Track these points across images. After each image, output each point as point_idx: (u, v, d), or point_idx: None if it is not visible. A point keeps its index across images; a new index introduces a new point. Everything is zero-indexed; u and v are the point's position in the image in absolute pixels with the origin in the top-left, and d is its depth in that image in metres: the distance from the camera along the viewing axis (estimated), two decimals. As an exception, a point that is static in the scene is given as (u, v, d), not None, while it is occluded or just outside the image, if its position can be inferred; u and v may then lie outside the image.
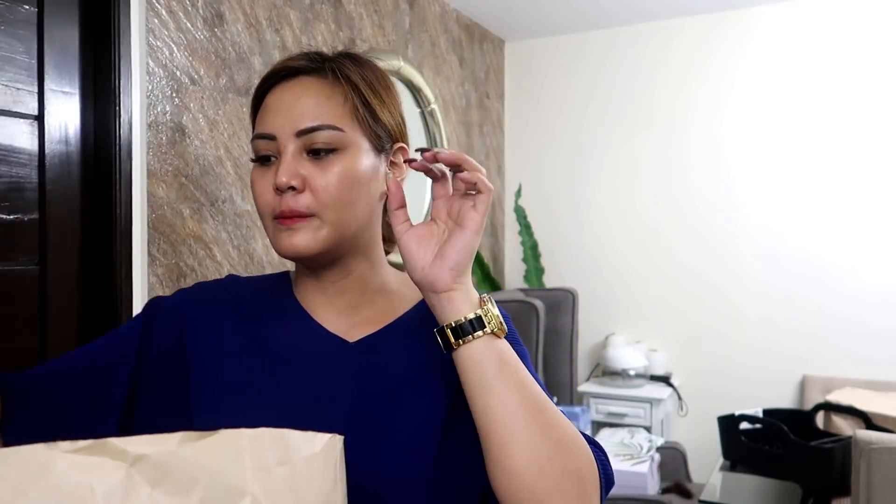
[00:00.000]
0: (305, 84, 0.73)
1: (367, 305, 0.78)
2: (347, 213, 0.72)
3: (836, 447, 1.97)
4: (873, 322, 2.83)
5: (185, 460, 0.47)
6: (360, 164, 0.72)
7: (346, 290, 0.77)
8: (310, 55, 0.76)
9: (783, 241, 2.99)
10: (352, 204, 0.72)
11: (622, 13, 3.11)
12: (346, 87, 0.73)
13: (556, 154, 3.42)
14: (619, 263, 3.29)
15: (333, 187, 0.70)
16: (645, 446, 2.51)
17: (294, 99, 0.72)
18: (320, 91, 0.72)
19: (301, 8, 2.11)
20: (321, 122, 0.71)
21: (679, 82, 3.16)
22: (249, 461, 0.49)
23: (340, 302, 0.77)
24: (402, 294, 0.80)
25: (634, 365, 3.02)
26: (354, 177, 0.72)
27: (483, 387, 0.63)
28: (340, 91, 0.73)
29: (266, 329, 0.76)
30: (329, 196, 0.70)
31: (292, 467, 0.50)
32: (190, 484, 0.47)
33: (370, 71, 0.77)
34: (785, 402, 2.95)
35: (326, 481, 0.53)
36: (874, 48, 2.83)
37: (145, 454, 0.46)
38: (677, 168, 3.17)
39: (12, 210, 1.37)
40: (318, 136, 0.70)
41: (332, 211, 0.71)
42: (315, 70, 0.74)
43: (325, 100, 0.72)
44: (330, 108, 0.72)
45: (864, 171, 2.85)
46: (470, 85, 3.19)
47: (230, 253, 1.84)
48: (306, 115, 0.71)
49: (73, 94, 1.49)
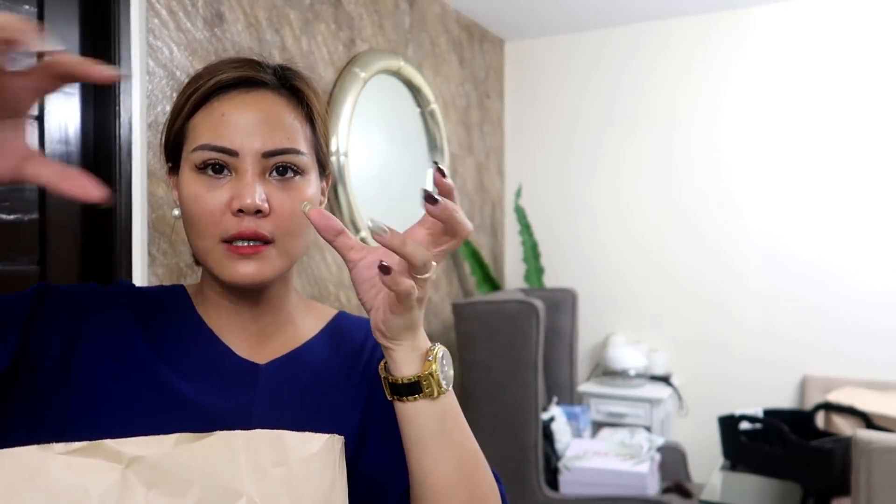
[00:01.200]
0: (271, 100, 0.69)
1: (277, 332, 0.75)
2: (299, 241, 0.70)
3: (836, 447, 1.97)
4: (873, 322, 2.83)
5: (180, 462, 0.47)
6: (313, 187, 0.71)
7: (261, 316, 0.74)
8: (257, 68, 0.70)
9: (783, 242, 2.99)
10: (304, 231, 0.69)
11: (623, 13, 3.11)
12: (304, 108, 0.71)
13: (557, 154, 3.42)
14: (620, 263, 3.29)
15: (296, 215, 0.67)
16: (645, 446, 2.51)
17: (261, 115, 0.67)
18: (283, 110, 0.69)
19: (301, 8, 2.11)
20: (291, 144, 0.68)
21: (680, 81, 3.16)
22: (245, 462, 0.48)
23: (254, 327, 0.74)
24: (307, 318, 0.78)
25: (634, 365, 3.02)
26: (312, 202, 0.70)
27: (419, 446, 0.63)
28: (301, 112, 0.71)
29: (169, 345, 0.71)
30: (291, 223, 0.67)
31: (288, 468, 0.50)
32: (185, 485, 0.46)
33: (313, 88, 0.74)
34: (785, 402, 2.95)
35: (324, 482, 0.52)
36: (873, 48, 2.83)
37: (141, 456, 0.46)
38: (677, 168, 3.17)
39: (12, 210, 1.37)
40: (286, 160, 0.67)
41: (290, 238, 0.68)
42: (271, 85, 0.70)
43: (293, 122, 0.69)
44: (297, 131, 0.69)
45: (863, 172, 2.85)
46: (470, 85, 3.20)
47: (230, 253, 1.84)
48: (277, 135, 0.67)
49: (73, 94, 1.49)
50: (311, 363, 0.74)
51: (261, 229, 0.66)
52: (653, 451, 2.47)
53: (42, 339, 0.66)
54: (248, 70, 0.69)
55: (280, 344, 0.75)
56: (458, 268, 3.09)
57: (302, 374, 0.73)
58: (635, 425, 2.89)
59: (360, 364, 0.75)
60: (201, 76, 0.70)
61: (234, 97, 0.68)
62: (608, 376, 3.06)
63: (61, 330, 0.67)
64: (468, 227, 0.59)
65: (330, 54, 2.25)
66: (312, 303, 0.82)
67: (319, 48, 2.20)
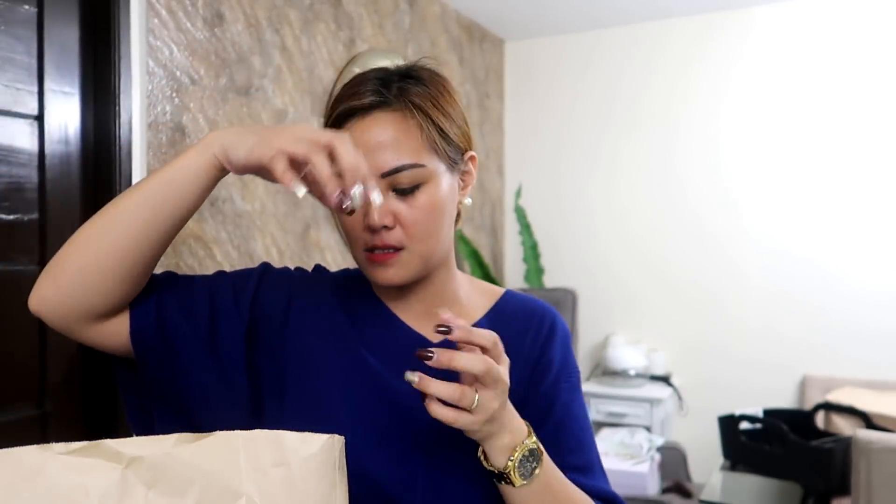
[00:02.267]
0: (381, 122, 0.75)
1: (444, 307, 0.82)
2: (433, 241, 0.78)
3: (836, 447, 1.97)
4: (873, 322, 2.83)
5: (180, 461, 0.47)
6: (442, 192, 0.77)
7: (426, 297, 0.83)
8: (376, 87, 0.76)
9: (783, 241, 2.98)
10: (437, 231, 0.78)
11: (623, 13, 3.11)
12: (419, 116, 0.75)
13: (557, 154, 3.42)
14: (620, 263, 3.28)
15: (422, 221, 0.75)
16: (645, 446, 2.51)
17: (373, 140, 0.74)
18: (396, 127, 0.75)
19: (301, 8, 2.11)
20: (403, 161, 0.74)
21: (680, 82, 3.16)
22: (245, 462, 0.49)
23: (420, 308, 0.84)
24: (473, 301, 0.87)
25: (634, 365, 3.01)
26: (439, 206, 0.77)
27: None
28: (415, 123, 0.75)
29: (361, 323, 0.83)
30: (418, 230, 0.76)
31: (288, 468, 0.50)
32: (185, 485, 0.47)
33: (433, 86, 0.78)
34: (785, 402, 2.95)
35: (324, 482, 0.53)
36: (873, 48, 2.83)
37: (141, 456, 0.46)
38: (678, 168, 3.17)
39: (12, 210, 1.37)
40: (401, 177, 0.74)
41: (421, 242, 0.76)
42: (386, 103, 0.76)
43: (403, 136, 0.75)
44: (408, 144, 0.75)
45: (862, 172, 2.85)
46: (470, 85, 3.20)
47: (230, 253, 1.84)
48: (388, 156, 0.74)
49: (73, 94, 1.49)
50: None
51: (389, 241, 0.75)
52: (653, 451, 2.47)
53: (264, 310, 0.82)
54: (359, 97, 0.76)
55: None
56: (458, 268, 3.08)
57: None
58: (635, 425, 2.89)
59: (525, 346, 0.83)
60: (338, 99, 0.79)
61: (352, 126, 0.76)
62: (608, 376, 3.06)
63: (279, 304, 0.82)
64: (478, 366, 0.63)
65: (330, 54, 2.25)
66: (480, 282, 0.91)
67: (319, 48, 2.20)
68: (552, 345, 0.85)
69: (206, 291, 0.81)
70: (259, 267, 0.87)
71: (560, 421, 0.80)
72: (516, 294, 0.90)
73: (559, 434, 0.80)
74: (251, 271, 0.85)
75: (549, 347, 0.84)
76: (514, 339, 0.81)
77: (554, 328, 0.86)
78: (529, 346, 0.83)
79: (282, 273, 0.87)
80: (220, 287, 0.82)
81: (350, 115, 0.76)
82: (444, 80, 0.81)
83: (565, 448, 0.79)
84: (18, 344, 1.38)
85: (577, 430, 0.81)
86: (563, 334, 0.87)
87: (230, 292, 0.82)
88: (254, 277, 0.84)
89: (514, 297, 0.89)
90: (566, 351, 0.86)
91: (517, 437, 0.68)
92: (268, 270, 0.86)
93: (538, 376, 0.82)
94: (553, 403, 0.81)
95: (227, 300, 0.81)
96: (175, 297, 0.80)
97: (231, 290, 0.82)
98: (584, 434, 0.81)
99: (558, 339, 0.86)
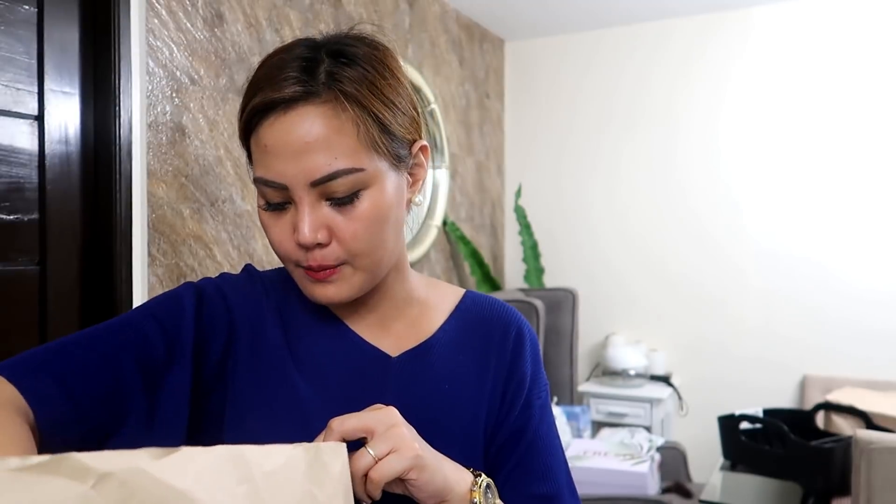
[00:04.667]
0: (307, 118, 0.61)
1: (399, 317, 0.75)
2: (379, 253, 0.66)
3: (836, 447, 1.97)
4: (873, 322, 2.83)
5: (153, 479, 0.43)
6: (386, 196, 0.65)
7: (377, 306, 0.73)
8: (300, 73, 0.62)
9: (782, 241, 2.98)
10: (383, 242, 0.66)
11: (623, 13, 3.11)
12: (354, 109, 0.62)
13: (557, 154, 3.42)
14: (620, 263, 3.28)
15: (363, 234, 0.64)
16: (645, 446, 2.51)
17: (299, 141, 0.61)
18: (327, 124, 0.61)
19: (301, 8, 2.11)
20: (338, 166, 0.61)
21: (680, 81, 3.16)
22: (210, 481, 0.45)
23: (372, 317, 0.74)
24: (433, 304, 0.77)
25: (634, 365, 3.01)
26: (383, 213, 0.65)
27: None
28: (349, 117, 0.62)
29: (304, 334, 0.72)
30: (359, 244, 0.64)
31: (253, 484, 0.47)
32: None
33: (371, 66, 0.64)
34: (785, 402, 2.95)
35: (294, 494, 0.50)
36: (872, 48, 2.83)
37: (111, 472, 0.41)
38: (678, 168, 3.17)
39: (12, 210, 1.37)
40: (336, 185, 0.62)
41: (364, 256, 0.65)
42: (313, 93, 0.61)
43: (334, 135, 0.61)
44: (342, 144, 0.62)
45: (862, 172, 2.85)
46: (470, 85, 3.19)
47: (230, 253, 1.84)
48: (318, 160, 0.61)
49: (73, 94, 1.49)
50: (440, 357, 0.74)
51: (325, 260, 0.64)
52: (653, 451, 2.47)
53: (204, 349, 0.68)
54: (279, 90, 0.61)
55: (407, 329, 0.75)
56: (458, 268, 3.09)
57: (432, 368, 0.73)
58: (635, 425, 2.89)
59: (492, 354, 0.75)
60: (254, 85, 0.64)
61: (273, 123, 0.62)
62: (608, 376, 3.06)
63: (220, 336, 0.69)
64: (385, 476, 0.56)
65: (330, 54, 2.25)
66: (436, 282, 0.81)
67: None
68: (522, 359, 0.76)
69: (132, 359, 0.63)
70: (187, 297, 0.68)
71: (530, 445, 0.74)
72: (477, 294, 0.81)
73: (528, 460, 0.74)
74: (180, 311, 0.67)
75: (520, 362, 0.76)
76: (482, 344, 0.76)
77: (521, 337, 0.77)
78: (497, 354, 0.75)
79: (212, 293, 0.70)
80: (150, 348, 0.64)
81: (269, 109, 0.62)
82: (385, 52, 0.67)
83: (533, 476, 0.73)
84: (18, 344, 1.38)
85: (546, 454, 0.75)
86: (531, 344, 0.78)
87: (162, 349, 0.65)
88: (186, 318, 0.67)
89: (475, 297, 0.80)
90: (536, 363, 0.78)
91: (461, 487, 0.63)
92: (200, 298, 0.69)
93: (511, 396, 0.74)
94: (524, 429, 0.74)
95: (159, 359, 0.64)
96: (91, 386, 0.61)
97: (164, 346, 0.65)
98: (553, 458, 0.75)
99: (527, 351, 0.77)
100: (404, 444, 0.57)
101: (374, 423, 0.57)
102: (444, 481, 0.60)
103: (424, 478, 0.58)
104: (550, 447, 0.76)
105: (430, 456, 0.59)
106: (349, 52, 0.64)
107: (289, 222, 0.64)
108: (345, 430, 0.57)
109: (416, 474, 0.57)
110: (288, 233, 0.64)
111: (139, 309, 0.68)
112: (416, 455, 0.57)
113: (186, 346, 0.65)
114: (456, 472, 0.63)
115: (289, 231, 0.64)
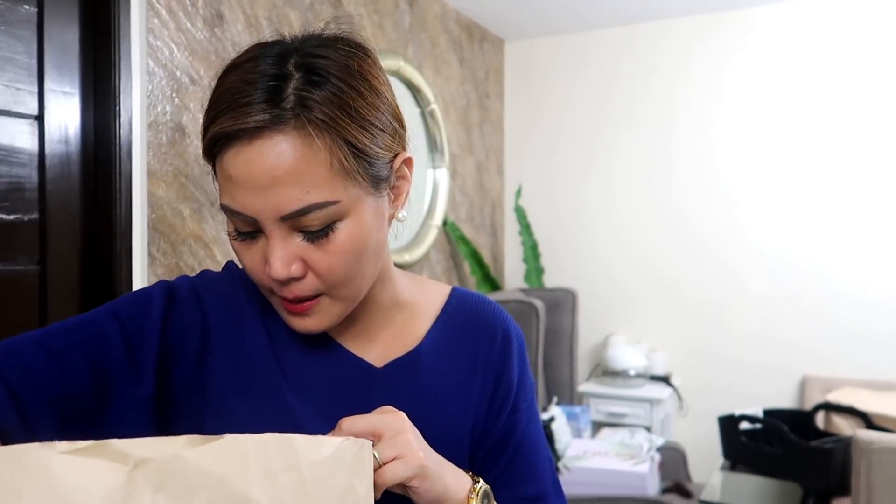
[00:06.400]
0: (274, 147, 0.55)
1: (384, 324, 0.73)
2: (359, 281, 0.63)
3: (836, 447, 1.97)
4: (873, 322, 2.83)
5: (189, 465, 0.46)
6: (364, 225, 0.61)
7: (362, 315, 0.71)
8: (266, 96, 0.56)
9: (781, 243, 2.98)
10: (362, 270, 0.63)
11: (623, 13, 3.11)
12: (326, 135, 0.56)
13: (557, 154, 3.42)
14: (620, 263, 3.29)
15: (340, 266, 0.60)
16: (645, 446, 2.51)
17: (266, 175, 0.56)
18: (297, 155, 0.56)
19: (301, 8, 2.11)
20: (310, 200, 0.57)
21: (679, 81, 3.16)
22: (255, 467, 0.47)
23: (358, 327, 0.71)
24: (421, 304, 0.75)
25: (634, 365, 3.01)
26: (361, 243, 0.61)
27: None
28: (321, 146, 0.56)
29: (289, 344, 0.69)
30: (336, 276, 0.61)
31: (299, 473, 0.49)
32: (193, 490, 0.45)
33: (345, 82, 0.58)
34: (785, 402, 2.95)
35: (337, 487, 0.51)
36: (871, 49, 2.83)
37: (148, 458, 0.45)
38: (677, 169, 3.17)
39: (12, 210, 1.37)
40: (309, 220, 0.58)
41: (343, 287, 0.62)
42: (280, 120, 0.55)
43: (305, 167, 0.56)
44: (314, 175, 0.56)
45: (860, 174, 2.85)
46: (470, 85, 3.19)
47: (230, 253, 1.84)
48: (290, 195, 0.56)
49: (73, 94, 1.49)
50: (427, 367, 0.73)
51: (302, 292, 0.61)
52: (653, 451, 2.47)
53: (174, 357, 0.64)
54: (256, 113, 0.56)
55: (393, 336, 0.73)
56: (458, 268, 3.09)
57: (419, 378, 0.72)
58: (635, 425, 2.89)
59: (481, 356, 0.75)
60: (214, 107, 0.58)
61: (238, 153, 0.56)
62: (608, 376, 3.06)
63: (192, 343, 0.65)
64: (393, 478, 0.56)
65: (330, 54, 2.25)
66: (423, 282, 0.78)
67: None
68: (510, 362, 0.75)
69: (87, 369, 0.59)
70: (156, 298, 0.65)
71: (517, 448, 0.74)
72: (464, 293, 0.78)
73: (515, 463, 0.74)
74: (145, 312, 0.63)
75: (508, 366, 0.75)
76: (470, 351, 0.75)
77: (508, 339, 0.76)
78: (485, 361, 0.74)
79: (185, 294, 0.67)
80: (108, 358, 0.60)
81: (232, 139, 0.56)
82: (361, 61, 0.61)
83: (519, 478, 0.73)
84: (18, 344, 1.38)
85: (533, 456, 0.75)
86: (518, 346, 0.77)
87: (121, 349, 0.61)
88: (151, 321, 0.63)
89: (461, 296, 0.78)
90: (522, 365, 0.77)
91: (458, 492, 0.63)
92: (171, 300, 0.65)
93: (498, 404, 0.74)
94: (511, 433, 0.74)
95: (122, 375, 0.60)
96: None
97: (122, 347, 0.61)
98: (539, 459, 0.75)
99: (515, 354, 0.76)
100: (410, 452, 0.57)
101: (383, 427, 0.58)
102: (445, 489, 0.61)
103: (426, 486, 0.58)
104: (536, 447, 0.76)
105: (434, 464, 0.60)
106: (320, 66, 0.58)
107: (260, 251, 0.60)
108: (355, 431, 0.57)
109: (419, 482, 0.58)
110: (260, 262, 0.61)
111: (103, 306, 0.64)
112: (421, 465, 0.57)
113: (149, 357, 0.62)
114: (456, 479, 0.63)
115: (261, 260, 0.61)
